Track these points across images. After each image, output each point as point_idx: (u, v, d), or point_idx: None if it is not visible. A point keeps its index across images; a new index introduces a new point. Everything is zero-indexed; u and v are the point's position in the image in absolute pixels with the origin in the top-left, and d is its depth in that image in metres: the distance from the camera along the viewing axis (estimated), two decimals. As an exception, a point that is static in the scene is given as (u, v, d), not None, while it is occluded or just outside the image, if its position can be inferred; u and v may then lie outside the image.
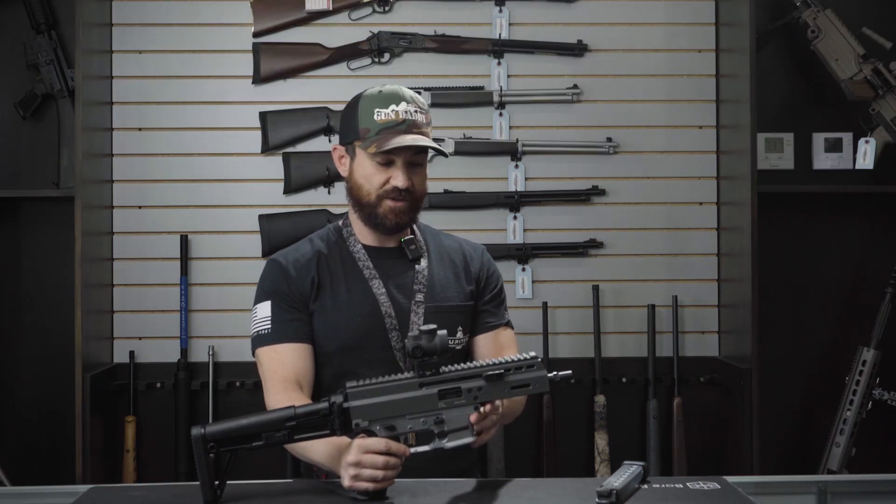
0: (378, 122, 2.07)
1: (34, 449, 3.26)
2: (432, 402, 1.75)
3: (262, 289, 2.14)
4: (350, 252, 2.16)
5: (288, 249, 2.20)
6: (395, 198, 2.08)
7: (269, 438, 1.77)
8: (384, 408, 1.75)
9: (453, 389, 1.76)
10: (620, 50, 3.36)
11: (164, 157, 3.30)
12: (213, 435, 1.78)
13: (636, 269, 3.35)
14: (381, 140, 2.06)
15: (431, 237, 2.24)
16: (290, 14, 3.29)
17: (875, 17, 3.30)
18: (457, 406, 1.75)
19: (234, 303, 3.25)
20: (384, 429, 1.76)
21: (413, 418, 1.76)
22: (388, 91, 2.11)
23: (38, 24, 3.21)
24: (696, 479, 1.88)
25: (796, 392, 3.38)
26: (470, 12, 3.33)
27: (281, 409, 1.79)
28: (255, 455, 3.05)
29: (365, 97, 2.11)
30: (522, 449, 3.26)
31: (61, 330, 3.18)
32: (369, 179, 2.10)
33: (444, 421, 1.75)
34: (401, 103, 2.08)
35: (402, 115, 2.07)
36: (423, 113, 2.11)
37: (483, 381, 1.76)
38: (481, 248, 2.28)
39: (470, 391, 1.76)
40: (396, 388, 1.76)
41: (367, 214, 2.12)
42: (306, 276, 2.12)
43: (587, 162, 3.34)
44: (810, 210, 3.36)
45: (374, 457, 1.74)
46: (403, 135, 2.06)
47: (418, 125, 2.08)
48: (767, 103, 3.30)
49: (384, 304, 2.10)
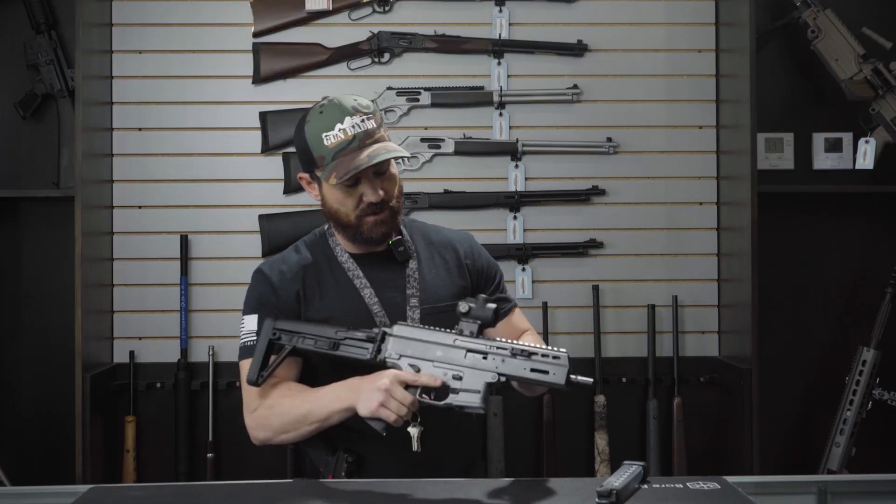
0: (329, 146, 2.02)
1: (34, 449, 3.26)
2: (458, 357, 1.90)
3: (250, 301, 2.14)
4: (338, 262, 2.14)
5: (274, 259, 2.18)
6: (373, 212, 2.07)
7: (318, 345, 1.98)
8: (416, 346, 1.92)
9: (479, 351, 1.89)
10: (620, 50, 3.36)
11: (164, 157, 3.30)
12: (281, 325, 2.01)
13: (636, 269, 3.35)
14: (338, 167, 2.02)
15: (420, 235, 2.22)
16: (290, 14, 3.29)
17: (875, 17, 3.30)
18: (478, 370, 1.88)
19: (234, 303, 3.21)
20: (409, 367, 1.91)
21: (437, 367, 1.90)
22: (327, 109, 2.05)
23: (38, 24, 3.21)
24: (696, 479, 1.88)
25: (796, 392, 3.38)
26: (470, 12, 3.33)
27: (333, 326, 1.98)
28: (256, 455, 3.08)
29: (309, 122, 2.06)
30: (522, 449, 3.26)
31: (61, 330, 3.18)
32: (343, 203, 2.07)
33: (461, 378, 1.88)
34: (345, 119, 2.02)
35: (351, 132, 2.02)
36: (371, 116, 2.05)
37: (509, 354, 1.87)
38: (469, 239, 2.26)
39: (493, 359, 1.87)
40: (434, 335, 1.92)
41: (352, 234, 2.10)
42: (291, 289, 2.11)
43: (587, 162, 3.34)
44: (810, 210, 3.36)
45: (405, 393, 1.87)
46: (358, 152, 2.02)
47: (370, 134, 2.03)
48: (767, 103, 3.30)
49: (378, 313, 2.09)
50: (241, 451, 3.17)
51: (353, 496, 1.82)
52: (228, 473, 3.23)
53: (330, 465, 2.08)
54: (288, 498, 1.83)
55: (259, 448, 2.12)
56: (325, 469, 2.09)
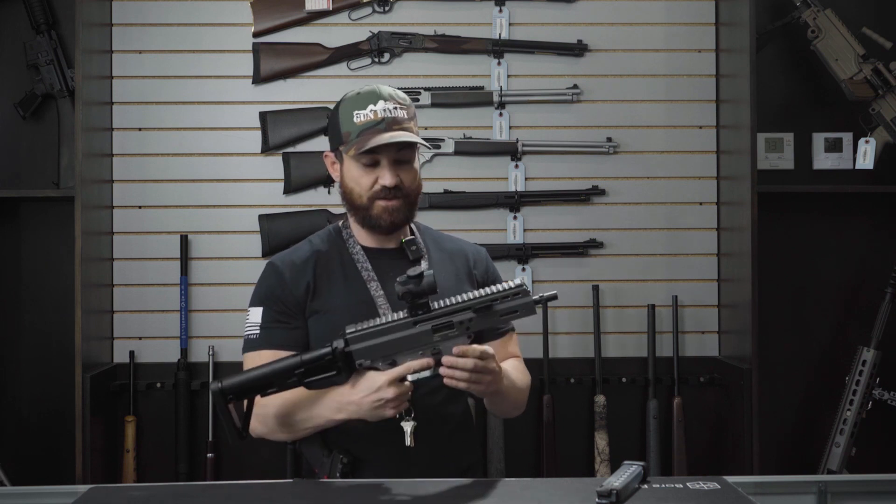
0: (357, 123, 2.09)
1: (34, 449, 3.26)
2: (427, 337, 1.88)
3: (257, 293, 2.16)
4: (350, 254, 2.16)
5: (286, 252, 2.21)
6: (385, 197, 2.10)
7: (281, 386, 1.88)
8: (384, 347, 1.89)
9: (445, 324, 1.88)
10: (620, 50, 3.36)
11: (164, 157, 3.30)
12: (230, 387, 1.87)
13: (636, 269, 3.35)
14: (361, 141, 2.08)
15: (432, 239, 2.24)
16: (290, 14, 3.29)
17: (875, 17, 3.30)
18: (451, 338, 1.88)
19: (234, 303, 3.25)
20: (386, 365, 1.89)
21: (412, 353, 1.89)
22: (365, 92, 2.12)
23: (38, 24, 3.21)
24: (696, 479, 1.88)
25: (796, 392, 3.38)
26: (470, 12, 3.33)
27: (288, 358, 1.91)
28: (256, 455, 3.08)
29: (344, 101, 2.14)
30: (522, 449, 3.26)
31: (61, 330, 3.18)
32: (358, 182, 2.11)
33: (440, 352, 1.89)
34: (378, 102, 2.10)
35: (381, 114, 2.09)
36: (404, 108, 2.12)
37: (472, 314, 1.87)
38: (484, 252, 2.30)
39: (461, 323, 1.88)
40: (393, 328, 1.89)
41: (362, 217, 2.13)
42: (301, 280, 2.13)
43: (587, 162, 3.34)
44: (810, 210, 3.36)
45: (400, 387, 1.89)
46: (383, 133, 2.07)
47: (399, 121, 2.10)
48: (767, 103, 3.30)
49: (382, 306, 2.10)
50: (240, 451, 3.17)
51: (354, 496, 1.82)
52: (228, 473, 3.23)
53: (325, 465, 2.08)
54: (287, 498, 1.83)
55: (259, 448, 2.13)
56: (320, 470, 2.10)
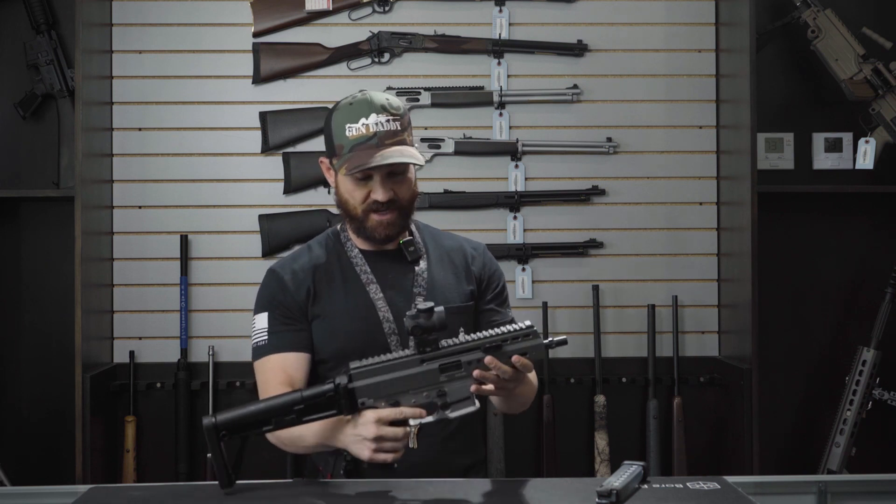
0: (349, 138, 2.05)
1: (34, 449, 3.26)
2: (434, 376, 1.82)
3: (260, 300, 2.15)
4: (348, 258, 2.16)
5: (286, 258, 2.21)
6: (379, 210, 2.08)
7: (278, 423, 1.81)
8: (388, 385, 1.82)
9: (454, 363, 1.82)
10: (620, 50, 3.36)
11: (164, 157, 3.30)
12: (225, 423, 1.80)
13: (636, 269, 3.35)
14: (352, 158, 2.04)
15: (431, 238, 2.24)
16: (290, 14, 3.29)
17: (875, 17, 3.30)
18: (458, 378, 1.82)
19: (234, 303, 3.25)
20: (389, 405, 1.82)
21: (416, 393, 1.82)
22: (358, 102, 2.07)
23: (38, 24, 3.21)
24: (696, 479, 1.88)
25: (796, 392, 3.38)
26: (470, 12, 3.33)
27: (288, 394, 1.84)
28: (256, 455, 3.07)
29: (337, 111, 2.09)
30: (522, 449, 3.26)
31: (61, 330, 3.18)
32: (352, 195, 2.09)
33: (446, 393, 1.82)
34: (370, 115, 2.04)
35: (373, 129, 2.03)
36: (398, 119, 2.06)
37: (482, 353, 1.82)
38: (482, 247, 2.28)
39: (470, 363, 1.82)
40: (398, 365, 1.83)
41: (357, 228, 2.12)
42: (302, 286, 2.12)
43: (587, 162, 3.34)
44: (810, 210, 3.36)
45: (395, 430, 1.80)
46: (375, 150, 2.03)
47: (392, 135, 2.04)
48: (767, 103, 3.30)
49: (381, 308, 2.10)
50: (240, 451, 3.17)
51: (354, 496, 1.82)
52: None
53: (329, 463, 2.09)
54: (288, 498, 1.83)
55: (259, 448, 2.12)
56: (324, 468, 2.10)
